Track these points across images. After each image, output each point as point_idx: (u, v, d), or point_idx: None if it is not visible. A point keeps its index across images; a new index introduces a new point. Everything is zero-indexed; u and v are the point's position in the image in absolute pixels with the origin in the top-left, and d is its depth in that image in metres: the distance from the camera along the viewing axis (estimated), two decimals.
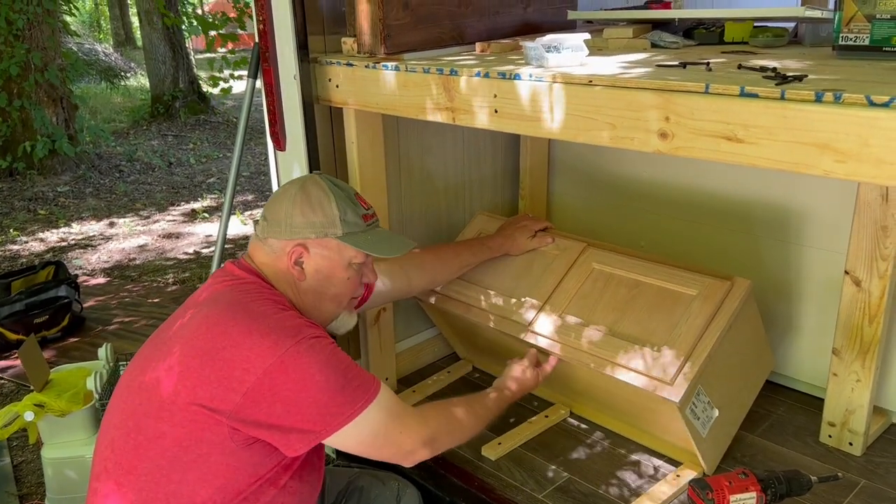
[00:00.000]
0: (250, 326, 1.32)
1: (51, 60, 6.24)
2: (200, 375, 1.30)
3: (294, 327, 1.34)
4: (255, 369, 1.28)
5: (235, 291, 1.42)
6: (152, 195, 6.06)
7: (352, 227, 1.46)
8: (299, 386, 1.29)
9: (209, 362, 1.30)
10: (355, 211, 1.47)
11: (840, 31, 1.44)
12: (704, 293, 1.77)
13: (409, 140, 2.25)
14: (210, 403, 1.28)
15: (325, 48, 1.99)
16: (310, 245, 1.44)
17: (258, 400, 1.28)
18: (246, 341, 1.30)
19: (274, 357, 1.28)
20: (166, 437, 1.31)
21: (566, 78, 1.41)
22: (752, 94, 1.16)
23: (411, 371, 2.38)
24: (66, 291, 3.45)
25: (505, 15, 2.07)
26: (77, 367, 2.33)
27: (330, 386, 1.31)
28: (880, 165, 1.05)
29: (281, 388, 1.28)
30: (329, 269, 1.47)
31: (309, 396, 1.30)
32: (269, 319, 1.35)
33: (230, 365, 1.29)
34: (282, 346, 1.29)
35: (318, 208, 1.44)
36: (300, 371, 1.29)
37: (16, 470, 2.50)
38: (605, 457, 1.92)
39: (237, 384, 1.28)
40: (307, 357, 1.30)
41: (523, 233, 2.11)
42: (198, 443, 1.30)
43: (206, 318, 1.37)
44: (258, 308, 1.37)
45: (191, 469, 1.30)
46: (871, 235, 1.74)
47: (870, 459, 1.87)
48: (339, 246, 1.45)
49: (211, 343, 1.32)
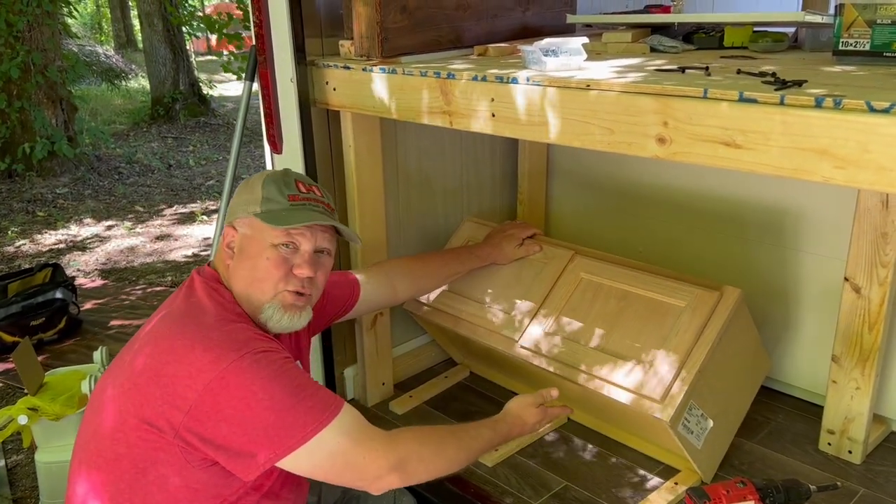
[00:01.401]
0: (194, 340, 1.26)
1: (51, 62, 6.24)
2: (146, 393, 1.25)
3: (240, 341, 1.27)
4: (195, 385, 1.22)
5: (189, 301, 1.37)
6: (151, 197, 6.05)
7: (272, 206, 1.40)
8: (242, 404, 1.22)
9: (154, 379, 1.25)
10: (281, 191, 1.42)
11: (840, 37, 1.42)
12: (693, 304, 1.76)
13: (406, 144, 2.23)
14: (156, 421, 1.24)
15: (322, 51, 1.98)
16: (237, 224, 1.43)
17: (202, 418, 1.22)
18: (188, 356, 1.24)
19: (214, 372, 1.22)
20: (123, 459, 1.27)
21: (564, 82, 1.39)
22: (751, 99, 1.14)
23: (408, 376, 2.36)
24: (63, 294, 3.44)
25: (503, 18, 2.06)
26: (72, 370, 2.32)
27: (276, 405, 1.23)
28: (880, 172, 1.03)
29: (224, 406, 1.22)
30: (251, 250, 1.39)
31: (254, 416, 1.22)
32: (216, 332, 1.28)
33: (174, 381, 1.24)
34: (224, 361, 1.23)
35: (248, 190, 1.44)
36: (242, 388, 1.22)
37: (10, 473, 2.49)
38: (602, 464, 1.91)
39: (180, 401, 1.22)
40: (250, 373, 1.23)
41: (511, 241, 2.09)
42: (154, 464, 1.25)
43: (153, 332, 1.34)
44: (207, 320, 1.31)
45: (151, 493, 1.26)
46: (871, 242, 1.72)
47: (869, 468, 1.86)
48: (259, 225, 1.39)
49: (156, 359, 1.27)
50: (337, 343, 2.19)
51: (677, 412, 1.65)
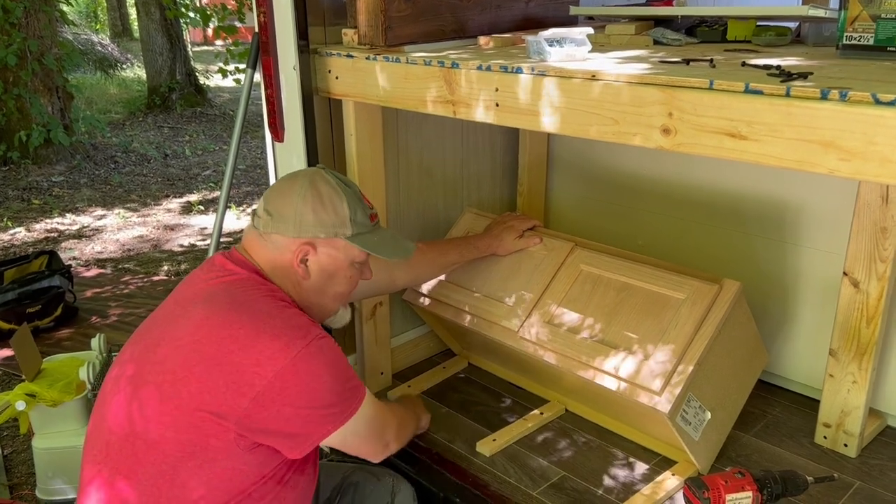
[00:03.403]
0: (258, 327, 1.29)
1: (47, 49, 6.20)
2: (206, 381, 1.26)
3: (302, 326, 1.33)
4: (265, 372, 1.26)
5: (234, 289, 1.37)
6: (147, 187, 6.03)
7: (360, 228, 1.45)
8: (309, 388, 1.29)
9: (216, 367, 1.27)
10: (364, 211, 1.47)
11: (844, 31, 1.43)
12: (693, 297, 1.76)
13: (407, 133, 2.23)
14: (218, 409, 1.25)
15: (325, 39, 1.98)
16: (318, 244, 1.43)
17: (266, 404, 1.26)
18: (256, 344, 1.27)
19: (287, 359, 1.27)
20: (168, 442, 1.27)
21: (569, 72, 1.40)
22: (757, 90, 1.15)
23: (407, 366, 2.36)
24: (60, 281, 3.43)
25: (506, 9, 2.06)
26: (70, 356, 2.31)
27: (335, 388, 1.32)
28: (885, 164, 1.04)
29: (291, 391, 1.27)
30: (333, 268, 1.46)
31: (315, 399, 1.30)
32: (276, 319, 1.32)
33: (239, 369, 1.26)
34: (294, 348, 1.28)
35: (330, 207, 1.42)
36: (311, 374, 1.29)
37: (6, 460, 2.49)
38: (600, 454, 1.92)
39: (247, 388, 1.25)
40: (318, 359, 1.30)
41: (510, 233, 2.09)
42: (203, 449, 1.27)
43: (206, 320, 1.32)
44: (261, 307, 1.34)
45: (195, 473, 1.27)
46: (871, 237, 1.73)
47: (865, 461, 1.87)
48: (346, 246, 1.45)
49: (216, 347, 1.28)
50: (336, 332, 2.19)
51: (676, 404, 1.65)
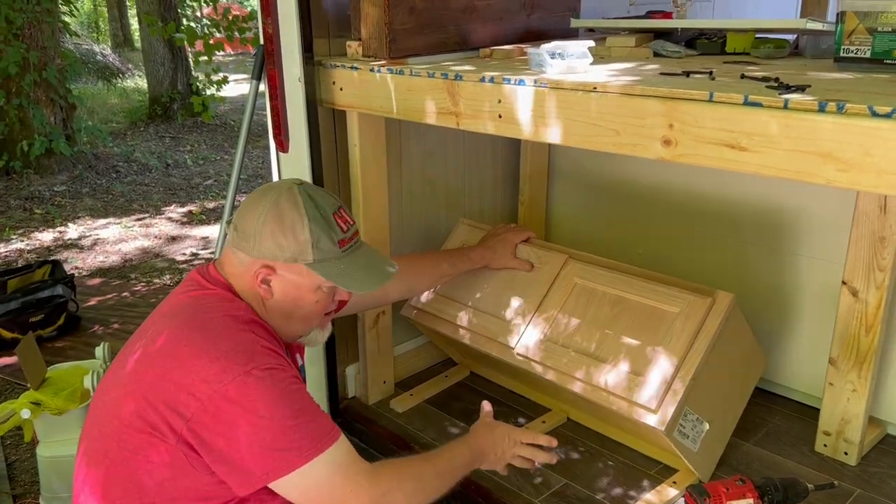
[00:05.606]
0: (201, 348, 1.26)
1: (49, 60, 6.23)
2: (151, 398, 1.25)
3: (248, 353, 1.26)
4: (199, 394, 1.22)
5: (196, 305, 1.35)
6: (149, 196, 6.05)
7: (324, 254, 1.36)
8: (244, 420, 1.21)
9: (159, 384, 1.25)
10: (330, 236, 1.36)
11: (841, 44, 1.45)
12: (686, 311, 1.76)
13: (410, 144, 2.25)
14: (160, 426, 1.24)
15: (329, 51, 2.00)
16: (278, 268, 1.36)
17: (201, 429, 1.22)
18: (194, 365, 1.24)
19: (219, 384, 1.21)
20: (129, 462, 1.27)
21: (571, 84, 1.42)
22: (756, 102, 1.17)
23: (409, 374, 2.38)
24: (63, 291, 3.44)
25: (509, 22, 2.09)
26: (74, 365, 2.33)
27: (276, 425, 1.22)
28: (882, 175, 1.06)
29: (224, 419, 1.21)
30: (297, 293, 1.38)
31: (252, 432, 1.22)
32: (224, 342, 1.27)
33: (178, 388, 1.23)
34: (229, 374, 1.22)
35: (290, 233, 1.33)
36: (245, 403, 1.21)
37: (9, 468, 2.49)
38: (602, 463, 1.93)
39: (183, 409, 1.22)
40: (255, 389, 1.22)
41: (505, 245, 2.07)
42: (160, 466, 1.26)
43: (161, 336, 1.31)
44: (215, 327, 1.30)
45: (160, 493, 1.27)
46: (869, 246, 1.75)
47: (865, 469, 1.88)
48: (308, 272, 1.36)
49: (162, 365, 1.27)
50: (339, 341, 2.21)
51: (672, 420, 1.66)
